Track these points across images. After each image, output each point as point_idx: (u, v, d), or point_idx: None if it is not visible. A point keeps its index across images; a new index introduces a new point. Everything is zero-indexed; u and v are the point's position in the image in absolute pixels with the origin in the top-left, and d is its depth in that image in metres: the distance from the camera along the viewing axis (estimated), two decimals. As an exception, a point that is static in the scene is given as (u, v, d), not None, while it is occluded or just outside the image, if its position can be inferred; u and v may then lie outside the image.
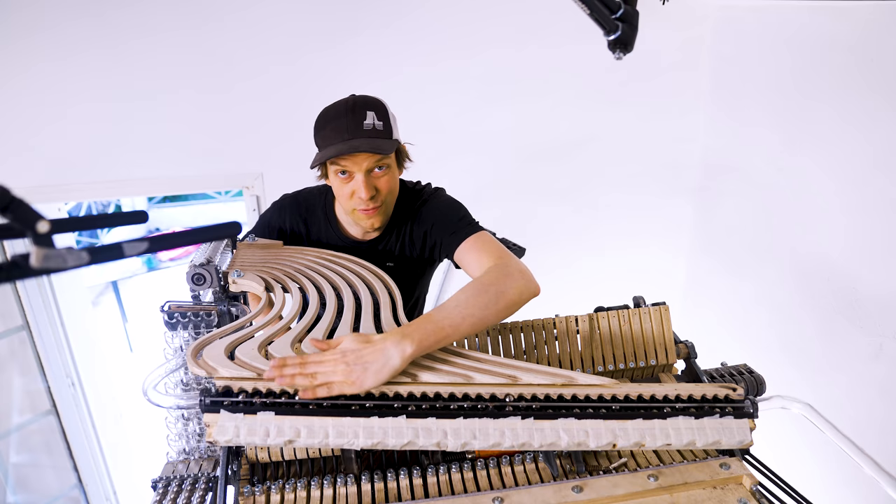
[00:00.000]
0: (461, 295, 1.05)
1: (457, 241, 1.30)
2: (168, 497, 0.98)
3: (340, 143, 1.25)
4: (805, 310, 2.43)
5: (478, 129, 2.84)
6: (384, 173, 1.31)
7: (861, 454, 1.16)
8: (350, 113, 1.27)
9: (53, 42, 2.34)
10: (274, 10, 2.46)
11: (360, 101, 1.29)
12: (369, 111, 1.27)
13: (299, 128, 2.68)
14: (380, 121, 1.28)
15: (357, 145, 1.24)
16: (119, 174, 2.57)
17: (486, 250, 1.23)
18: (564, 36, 2.71)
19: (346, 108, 1.28)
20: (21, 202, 0.47)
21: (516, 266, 1.15)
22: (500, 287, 1.07)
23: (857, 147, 2.10)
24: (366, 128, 1.26)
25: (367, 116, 1.26)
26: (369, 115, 1.27)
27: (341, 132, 1.26)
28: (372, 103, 1.30)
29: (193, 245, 0.87)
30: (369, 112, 1.27)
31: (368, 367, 0.88)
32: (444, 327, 0.97)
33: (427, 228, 1.40)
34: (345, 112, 1.27)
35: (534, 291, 1.12)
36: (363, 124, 1.26)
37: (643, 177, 3.09)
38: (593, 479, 0.92)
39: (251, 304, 1.28)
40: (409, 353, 0.91)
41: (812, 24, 2.26)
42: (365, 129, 1.26)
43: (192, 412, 1.08)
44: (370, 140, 1.25)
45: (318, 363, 0.88)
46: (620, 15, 1.20)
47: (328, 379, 0.87)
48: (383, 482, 0.95)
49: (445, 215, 1.38)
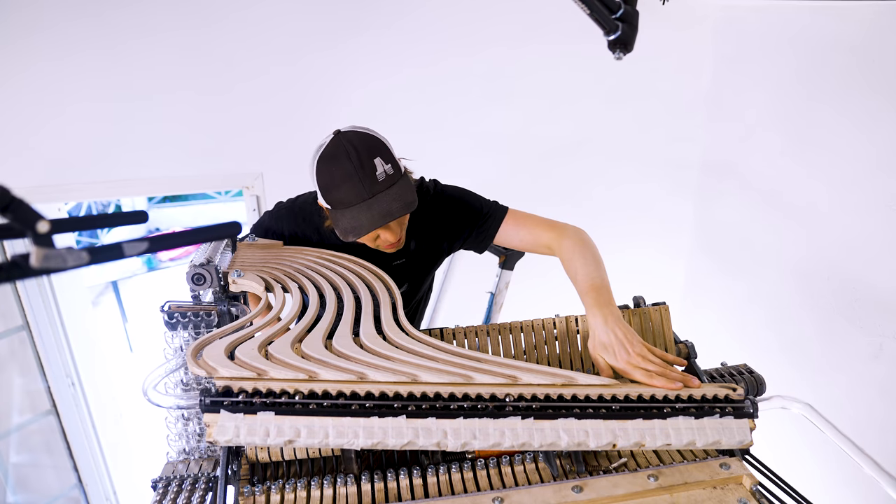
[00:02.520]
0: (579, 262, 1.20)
1: (493, 226, 1.39)
2: (168, 497, 0.98)
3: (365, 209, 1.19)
4: (805, 310, 2.43)
5: (478, 129, 2.84)
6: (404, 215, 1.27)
7: (861, 454, 1.16)
8: (360, 167, 1.19)
9: (52, 42, 2.33)
10: (274, 10, 2.46)
11: (363, 150, 1.21)
12: (375, 158, 1.20)
13: (300, 128, 2.70)
14: (387, 164, 1.22)
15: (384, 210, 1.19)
16: (119, 174, 2.57)
17: (530, 223, 1.37)
18: (564, 36, 2.71)
19: (351, 162, 1.19)
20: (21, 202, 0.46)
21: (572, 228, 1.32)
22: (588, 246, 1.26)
23: (857, 147, 2.10)
24: (379, 178, 1.20)
25: (377, 167, 1.20)
26: (378, 164, 1.20)
27: (360, 193, 1.19)
28: (373, 146, 1.22)
29: (193, 245, 0.87)
30: (376, 160, 1.20)
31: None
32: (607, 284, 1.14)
33: (449, 222, 1.43)
34: (353, 169, 1.19)
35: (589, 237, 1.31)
36: (376, 176, 1.19)
37: (643, 177, 3.09)
38: (593, 479, 0.92)
39: (251, 304, 1.29)
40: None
41: (813, 25, 2.26)
42: (379, 179, 1.20)
43: (192, 412, 1.08)
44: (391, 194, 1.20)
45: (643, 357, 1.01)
46: (620, 15, 1.20)
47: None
48: (383, 482, 0.95)
49: (465, 206, 1.43)
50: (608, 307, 1.08)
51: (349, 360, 0.95)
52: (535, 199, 3.04)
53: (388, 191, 1.21)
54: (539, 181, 3.01)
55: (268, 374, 0.88)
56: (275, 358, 0.93)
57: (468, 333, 1.16)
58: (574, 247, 1.25)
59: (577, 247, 1.25)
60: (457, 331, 1.16)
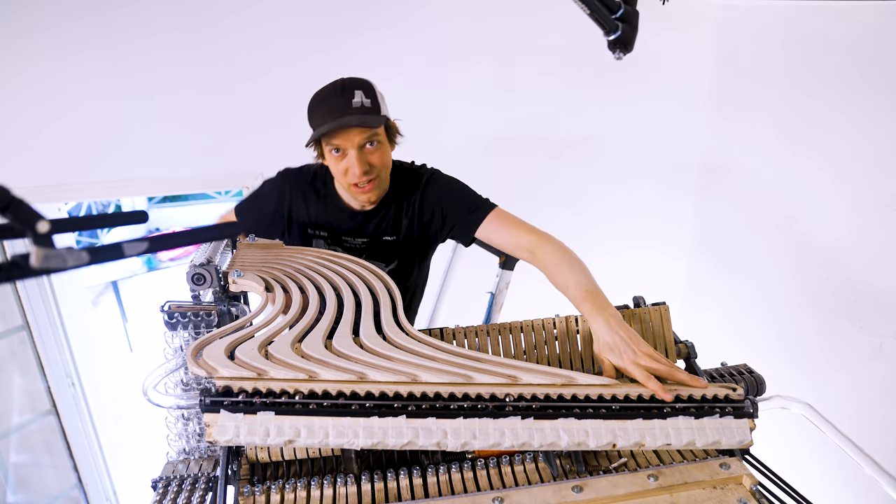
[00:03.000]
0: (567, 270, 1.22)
1: (478, 218, 1.42)
2: (168, 497, 0.98)
3: (332, 121, 1.32)
4: (805, 310, 2.43)
5: (478, 128, 2.84)
6: (376, 149, 1.38)
7: (861, 454, 1.16)
8: (339, 94, 1.35)
9: (53, 42, 2.33)
10: (275, 10, 2.46)
11: (349, 83, 1.37)
12: (357, 90, 1.35)
13: (299, 128, 2.67)
14: (367, 98, 1.36)
15: (347, 122, 1.32)
16: (119, 174, 2.57)
17: (512, 224, 1.40)
18: (565, 36, 2.71)
19: (336, 89, 1.36)
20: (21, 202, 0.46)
21: (553, 237, 1.35)
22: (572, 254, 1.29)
23: (857, 147, 2.10)
24: (354, 106, 1.33)
25: (355, 95, 1.34)
26: (357, 94, 1.34)
27: (332, 112, 1.33)
28: (360, 83, 1.37)
29: (193, 245, 0.87)
30: (357, 91, 1.35)
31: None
32: (600, 290, 1.15)
33: (439, 205, 1.49)
34: (334, 93, 1.35)
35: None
36: (352, 103, 1.33)
37: (643, 177, 3.09)
38: (593, 479, 0.92)
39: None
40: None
41: (812, 24, 2.26)
42: (354, 107, 1.33)
43: (192, 412, 1.08)
44: (359, 116, 1.33)
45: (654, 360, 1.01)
46: (620, 15, 1.20)
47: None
48: (383, 482, 0.94)
49: (457, 194, 1.49)
50: (608, 310, 1.09)
51: (349, 360, 0.95)
52: (535, 200, 3.05)
53: (358, 114, 1.33)
54: (539, 181, 3.01)
55: (268, 374, 0.88)
56: (275, 358, 0.93)
57: (468, 333, 1.16)
58: (559, 254, 1.27)
59: (561, 254, 1.27)
60: (457, 331, 1.16)
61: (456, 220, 1.48)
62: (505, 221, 1.41)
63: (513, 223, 1.40)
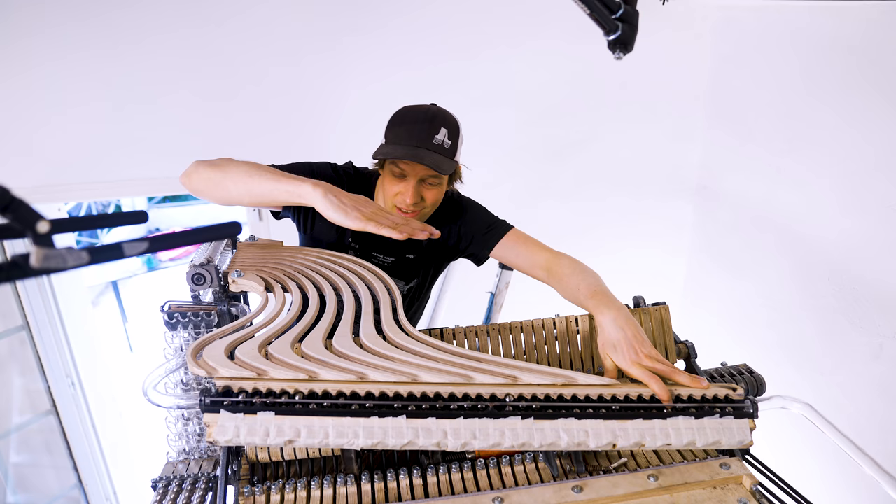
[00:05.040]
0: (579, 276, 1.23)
1: (496, 236, 1.44)
2: (168, 497, 0.98)
3: (408, 147, 1.32)
4: (805, 310, 2.43)
5: (478, 129, 2.83)
6: (434, 186, 1.39)
7: (861, 454, 1.16)
8: (427, 122, 1.34)
9: (53, 42, 2.33)
10: (275, 12, 2.46)
11: (440, 116, 1.37)
12: (444, 128, 1.35)
13: (299, 129, 2.69)
14: (449, 140, 1.36)
15: (420, 156, 1.30)
16: (119, 174, 2.57)
17: (530, 244, 1.41)
18: (564, 36, 2.71)
19: (425, 116, 1.35)
20: (21, 202, 0.46)
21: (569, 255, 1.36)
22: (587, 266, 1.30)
23: (857, 147, 2.10)
24: (435, 143, 1.33)
25: (440, 132, 1.34)
26: (442, 132, 1.34)
27: (412, 138, 1.32)
28: (449, 121, 1.37)
29: (193, 245, 0.87)
30: (444, 129, 1.35)
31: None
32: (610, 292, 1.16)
33: (456, 224, 1.51)
34: (422, 120, 1.34)
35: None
36: (434, 138, 1.33)
37: (643, 177, 3.09)
38: (593, 479, 0.92)
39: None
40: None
41: (813, 25, 2.26)
42: (434, 143, 1.33)
43: (192, 412, 1.07)
44: (434, 156, 1.32)
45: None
46: (620, 15, 1.20)
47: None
48: (383, 482, 0.95)
49: (474, 214, 1.51)
50: (615, 304, 1.10)
51: (349, 360, 0.95)
52: (535, 200, 3.05)
53: (434, 153, 1.33)
54: (539, 182, 3.01)
55: (268, 374, 0.88)
56: (275, 358, 0.93)
57: (468, 333, 1.16)
58: (574, 265, 1.28)
59: (576, 265, 1.28)
60: (457, 331, 1.16)
61: (472, 239, 1.50)
62: (523, 241, 1.43)
63: (531, 242, 1.42)
